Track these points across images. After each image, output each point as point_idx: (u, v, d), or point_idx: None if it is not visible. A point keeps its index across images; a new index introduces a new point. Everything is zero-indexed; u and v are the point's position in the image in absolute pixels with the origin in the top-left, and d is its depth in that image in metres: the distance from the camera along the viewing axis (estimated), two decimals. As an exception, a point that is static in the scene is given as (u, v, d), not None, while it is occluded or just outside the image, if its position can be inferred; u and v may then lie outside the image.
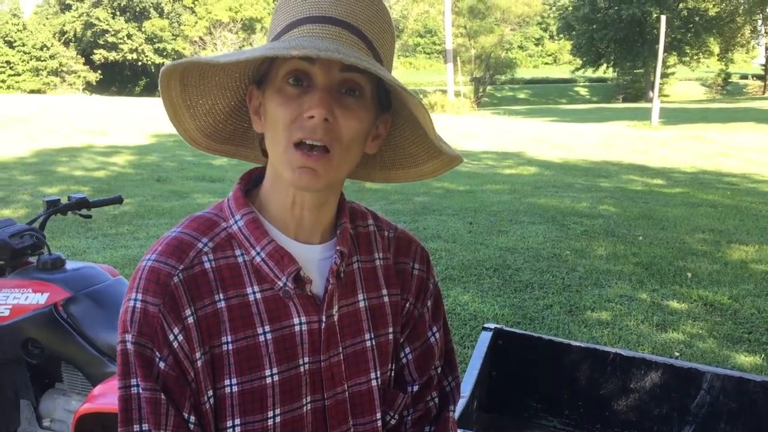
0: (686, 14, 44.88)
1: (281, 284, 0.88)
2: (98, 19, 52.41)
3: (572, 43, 52.95)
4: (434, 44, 68.52)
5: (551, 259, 5.62)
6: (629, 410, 2.24)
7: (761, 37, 54.92)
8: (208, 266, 0.87)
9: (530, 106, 43.49)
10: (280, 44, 0.78)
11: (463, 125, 18.81)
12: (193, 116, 0.90)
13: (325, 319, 0.90)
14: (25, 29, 50.97)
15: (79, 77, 51.97)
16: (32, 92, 43.58)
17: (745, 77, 56.28)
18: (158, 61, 52.69)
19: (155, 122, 15.79)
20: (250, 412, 0.86)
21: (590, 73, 51.51)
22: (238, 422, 0.86)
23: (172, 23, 54.73)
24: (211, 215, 0.91)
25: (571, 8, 50.83)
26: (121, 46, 52.98)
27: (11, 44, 49.52)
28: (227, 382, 0.86)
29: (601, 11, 46.19)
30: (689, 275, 5.25)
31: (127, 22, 53.57)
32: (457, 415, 1.56)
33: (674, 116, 25.16)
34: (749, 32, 51.06)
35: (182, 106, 0.88)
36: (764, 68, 52.33)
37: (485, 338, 2.32)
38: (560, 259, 5.64)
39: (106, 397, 1.97)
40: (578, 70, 51.77)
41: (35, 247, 2.30)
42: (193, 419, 0.84)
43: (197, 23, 52.95)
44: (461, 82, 41.10)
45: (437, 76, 51.46)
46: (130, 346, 0.83)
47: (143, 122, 16.25)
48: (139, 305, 0.83)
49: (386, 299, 0.98)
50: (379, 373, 0.97)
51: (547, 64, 75.82)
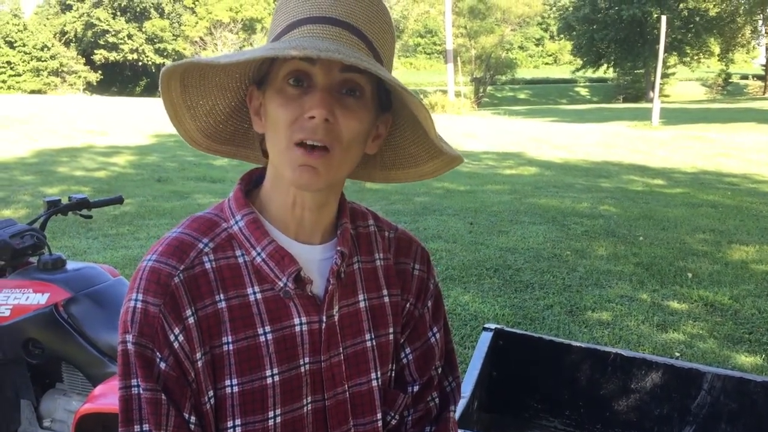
0: (687, 14, 44.88)
1: (282, 284, 0.88)
2: (99, 19, 52.46)
3: (573, 43, 52.96)
4: (435, 44, 68.51)
5: (552, 259, 5.62)
6: (630, 410, 2.24)
7: (762, 37, 54.92)
8: (208, 266, 0.87)
9: (531, 106, 43.49)
10: (280, 45, 0.78)
11: (463, 125, 18.81)
12: (193, 117, 0.90)
13: (325, 319, 0.90)
14: (25, 29, 50.99)
15: (79, 77, 51.99)
16: (33, 92, 43.60)
17: (745, 77, 56.28)
18: (159, 61, 52.72)
19: (156, 122, 15.80)
20: (250, 412, 0.86)
21: (591, 73, 51.52)
22: (238, 422, 0.86)
23: (172, 23, 54.75)
24: (211, 216, 0.91)
25: (571, 8, 50.85)
26: (121, 46, 53.03)
27: (12, 44, 49.55)
28: (228, 382, 0.86)
29: (601, 11, 46.20)
30: (690, 275, 5.25)
31: (127, 22, 53.61)
32: (457, 415, 1.56)
33: (675, 116, 25.17)
34: (750, 32, 51.07)
35: (183, 106, 0.88)
36: (765, 68, 52.31)
37: (486, 338, 2.32)
38: (561, 259, 5.63)
39: (106, 397, 1.97)
40: (579, 70, 51.80)
41: (36, 247, 2.30)
42: (193, 419, 0.84)
43: (198, 23, 52.97)
44: (461, 82, 41.11)
45: (437, 76, 51.48)
46: (130, 346, 0.83)
47: (144, 122, 16.26)
48: (139, 305, 0.83)
49: (387, 299, 0.98)
50: (379, 373, 0.97)
51: (547, 64, 75.83)
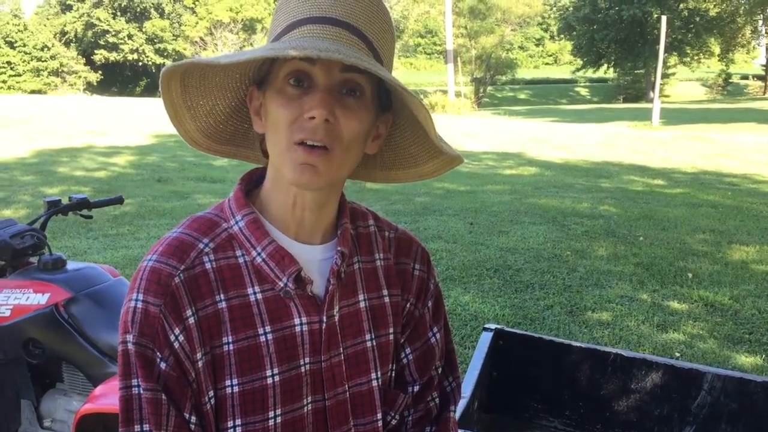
0: (687, 15, 44.89)
1: (282, 285, 0.88)
2: (99, 19, 52.47)
3: (573, 43, 52.97)
4: (435, 45, 68.52)
5: (552, 259, 5.62)
6: (630, 411, 2.24)
7: (762, 37, 54.95)
8: (209, 267, 0.87)
9: (531, 106, 43.49)
10: (280, 45, 0.78)
11: (463, 126, 18.81)
12: (193, 117, 0.90)
13: (325, 319, 0.90)
14: (25, 30, 51.02)
15: (79, 78, 52.01)
16: (33, 93, 43.61)
17: (745, 78, 56.29)
18: (159, 61, 52.73)
19: (156, 122, 15.80)
20: (251, 412, 0.86)
21: (591, 73, 51.54)
22: (239, 422, 0.86)
23: (172, 24, 54.76)
24: (211, 216, 0.91)
25: (571, 9, 50.86)
26: (121, 46, 53.04)
27: (12, 45, 49.57)
28: (228, 382, 0.86)
29: (601, 12, 46.21)
30: (690, 276, 5.25)
31: (127, 22, 53.62)
32: (457, 415, 1.56)
33: (675, 117, 25.17)
34: (750, 33, 51.09)
35: (183, 106, 0.88)
36: (765, 69, 52.31)
37: (486, 339, 2.32)
38: (561, 259, 5.63)
39: (107, 397, 1.97)
40: (579, 70, 51.81)
41: (36, 247, 2.30)
42: (194, 419, 0.84)
43: (198, 24, 52.98)
44: (462, 82, 41.10)
45: (438, 76, 51.49)
46: (131, 346, 0.83)
47: (144, 122, 16.26)
48: (140, 306, 0.83)
49: (387, 300, 0.98)
50: (379, 373, 0.97)
51: (547, 64, 75.84)
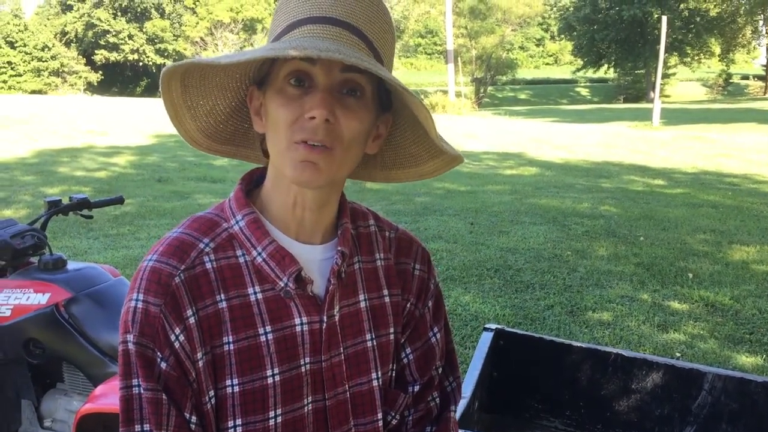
0: (687, 15, 44.87)
1: (282, 284, 0.88)
2: (99, 19, 52.47)
3: (573, 43, 52.96)
4: (435, 45, 68.52)
5: (552, 259, 5.62)
6: (630, 411, 2.24)
7: (762, 37, 54.95)
8: (209, 266, 0.87)
9: (531, 106, 43.50)
10: (280, 45, 0.78)
11: (463, 126, 18.81)
12: (194, 117, 0.90)
13: (326, 319, 0.90)
14: (26, 30, 51.02)
15: (80, 78, 52.01)
16: (33, 93, 43.62)
17: (746, 78, 56.28)
18: (159, 61, 52.74)
19: (156, 123, 15.81)
20: (251, 412, 0.86)
21: (591, 73, 51.53)
22: (239, 422, 0.86)
23: (173, 24, 54.77)
24: (212, 215, 0.91)
25: (572, 9, 50.86)
26: (122, 46, 53.04)
27: (12, 45, 49.57)
28: (228, 382, 0.86)
29: (602, 12, 46.19)
30: (690, 276, 5.25)
31: (128, 22, 53.62)
32: (458, 415, 1.56)
33: (675, 117, 25.17)
34: (750, 33, 51.07)
35: (183, 107, 0.88)
36: (765, 69, 52.30)
37: (486, 339, 2.32)
38: (561, 259, 5.63)
39: (107, 397, 1.97)
40: (579, 70, 51.80)
41: (37, 247, 2.30)
42: (194, 419, 0.84)
43: (198, 24, 53.00)
44: (462, 82, 41.12)
45: (438, 76, 51.50)
46: (131, 346, 0.83)
47: (144, 123, 16.27)
48: (140, 305, 0.83)
49: (387, 299, 0.98)
50: (380, 373, 0.97)
51: (548, 64, 75.84)
